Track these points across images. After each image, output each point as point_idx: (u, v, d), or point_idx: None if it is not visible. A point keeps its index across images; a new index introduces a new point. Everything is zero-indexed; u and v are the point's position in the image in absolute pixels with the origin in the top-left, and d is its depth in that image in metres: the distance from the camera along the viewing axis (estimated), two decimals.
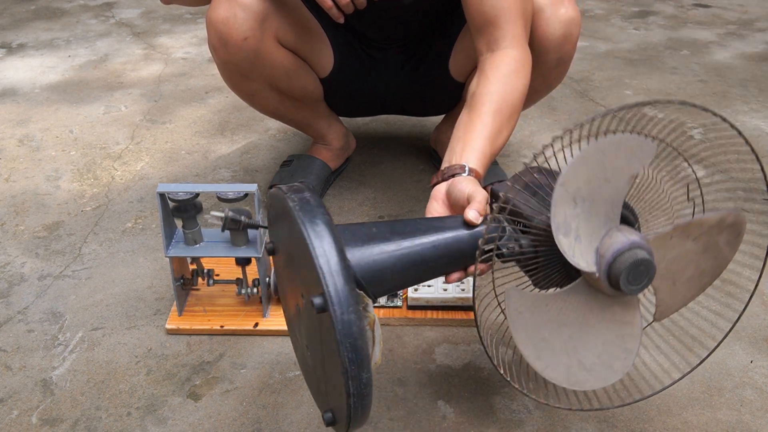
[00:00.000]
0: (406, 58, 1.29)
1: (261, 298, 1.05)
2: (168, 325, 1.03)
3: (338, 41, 1.25)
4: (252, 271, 1.11)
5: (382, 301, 1.05)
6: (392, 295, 1.06)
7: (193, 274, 1.05)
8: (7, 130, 1.69)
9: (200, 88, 1.92)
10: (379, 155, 1.54)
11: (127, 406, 0.91)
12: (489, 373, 0.95)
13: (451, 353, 0.99)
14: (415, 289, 1.04)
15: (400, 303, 1.06)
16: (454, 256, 0.75)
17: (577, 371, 0.74)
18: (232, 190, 0.97)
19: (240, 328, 1.02)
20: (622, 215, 0.71)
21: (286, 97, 1.26)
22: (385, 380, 0.94)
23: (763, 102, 1.79)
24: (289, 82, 1.22)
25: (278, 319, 1.03)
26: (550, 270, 0.75)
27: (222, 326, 1.02)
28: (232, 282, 1.05)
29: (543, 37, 1.10)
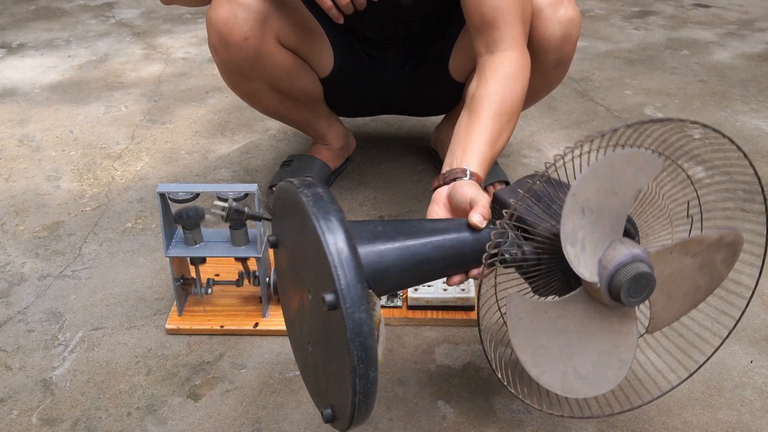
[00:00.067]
0: (406, 58, 1.29)
1: (261, 298, 1.05)
2: (168, 325, 1.03)
3: (338, 41, 1.25)
4: (253, 269, 1.10)
5: (383, 300, 1.05)
6: (392, 295, 1.06)
7: (194, 283, 1.05)
8: (7, 130, 1.69)
9: (200, 88, 1.92)
10: (379, 155, 1.54)
11: (127, 406, 0.91)
12: (489, 373, 0.95)
13: (451, 353, 0.99)
14: (415, 289, 1.04)
15: (400, 303, 1.06)
16: (457, 259, 0.75)
17: (572, 379, 0.74)
18: (232, 190, 0.97)
19: (240, 328, 1.02)
20: (624, 228, 0.72)
21: (287, 98, 1.26)
22: (385, 380, 0.94)
23: (763, 102, 1.79)
24: (290, 82, 1.22)
25: (278, 319, 1.03)
26: (550, 278, 0.75)
27: (222, 326, 1.02)
28: (232, 282, 1.05)
29: (542, 38, 1.10)
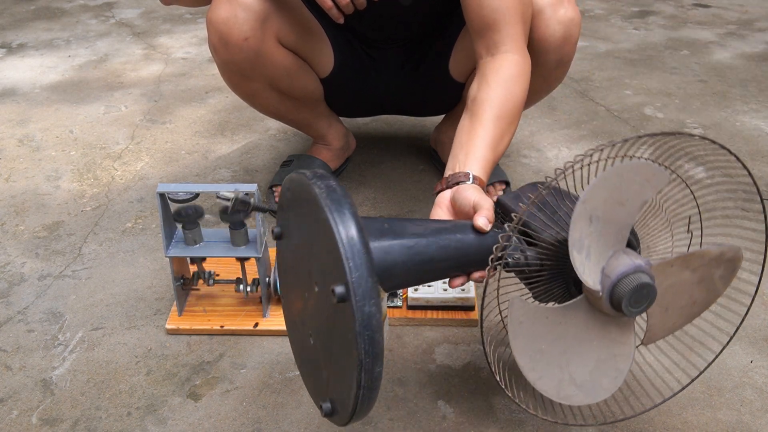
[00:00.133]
0: (406, 58, 1.29)
1: (261, 298, 1.05)
2: (168, 325, 1.03)
3: (338, 41, 1.25)
4: (252, 270, 1.11)
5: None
6: (392, 294, 1.06)
7: (194, 275, 1.05)
8: (7, 130, 1.69)
9: (200, 88, 1.92)
10: (379, 155, 1.54)
11: (127, 406, 0.91)
12: (489, 373, 0.95)
13: (451, 353, 0.99)
14: (415, 289, 1.04)
15: (400, 303, 1.06)
16: (460, 260, 0.75)
17: (568, 386, 0.75)
18: (232, 190, 0.97)
19: (240, 328, 1.02)
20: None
21: (287, 98, 1.26)
22: (385, 380, 0.94)
23: (763, 102, 1.79)
24: (290, 82, 1.22)
25: (278, 319, 1.03)
26: (551, 284, 0.76)
27: (222, 326, 1.02)
28: (232, 282, 1.05)
29: (543, 38, 1.10)
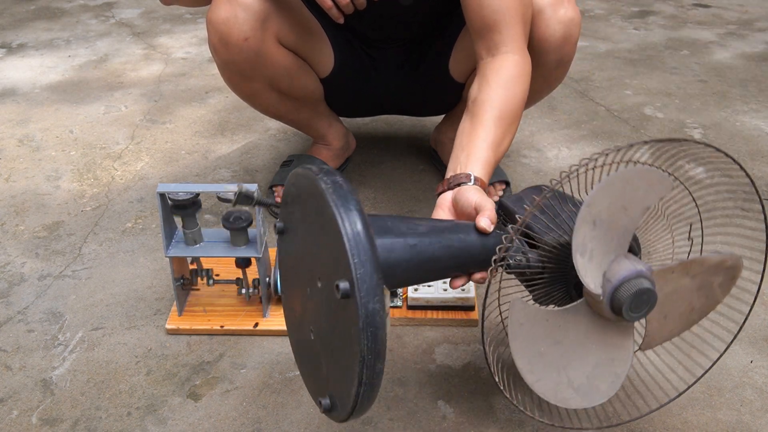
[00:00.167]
0: (406, 58, 1.29)
1: (261, 298, 1.05)
2: (168, 325, 1.03)
3: (338, 41, 1.25)
4: (252, 271, 1.11)
5: None
6: (392, 294, 1.06)
7: (193, 274, 1.05)
8: (7, 130, 1.69)
9: (200, 88, 1.92)
10: (379, 155, 1.54)
11: (127, 406, 0.91)
12: (489, 373, 0.95)
13: (451, 353, 0.99)
14: (415, 289, 1.04)
15: (400, 303, 1.06)
16: (462, 261, 0.75)
17: (565, 389, 0.75)
18: (232, 190, 0.97)
19: (240, 328, 1.02)
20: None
21: (287, 98, 1.26)
22: (385, 380, 0.94)
23: (763, 102, 1.79)
24: (290, 82, 1.22)
25: (278, 319, 1.03)
26: (552, 288, 0.76)
27: (222, 326, 1.02)
28: (232, 282, 1.05)
29: (543, 38, 1.10)
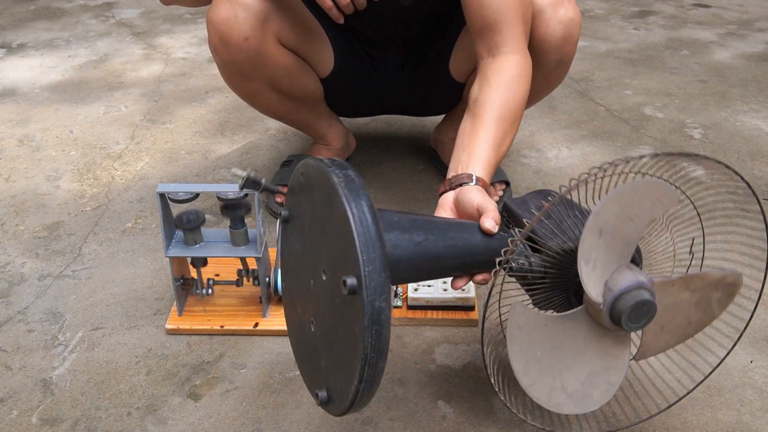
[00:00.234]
0: (406, 58, 1.29)
1: (261, 298, 1.05)
2: (168, 325, 1.03)
3: (339, 41, 1.25)
4: (253, 265, 1.10)
5: None
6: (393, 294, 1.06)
7: (193, 282, 1.05)
8: (7, 130, 1.69)
9: (200, 88, 1.92)
10: (379, 155, 1.54)
11: (127, 406, 0.91)
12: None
13: (451, 353, 0.99)
14: (415, 289, 1.04)
15: (400, 303, 1.06)
16: (465, 260, 0.75)
17: (558, 394, 0.75)
18: (232, 190, 0.97)
19: (240, 328, 1.02)
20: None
21: (287, 98, 1.26)
22: (385, 380, 0.94)
23: (763, 102, 1.79)
24: (290, 82, 1.22)
25: (278, 319, 1.03)
26: (552, 292, 0.76)
27: (222, 326, 1.02)
28: (232, 283, 1.05)
29: (543, 38, 1.10)
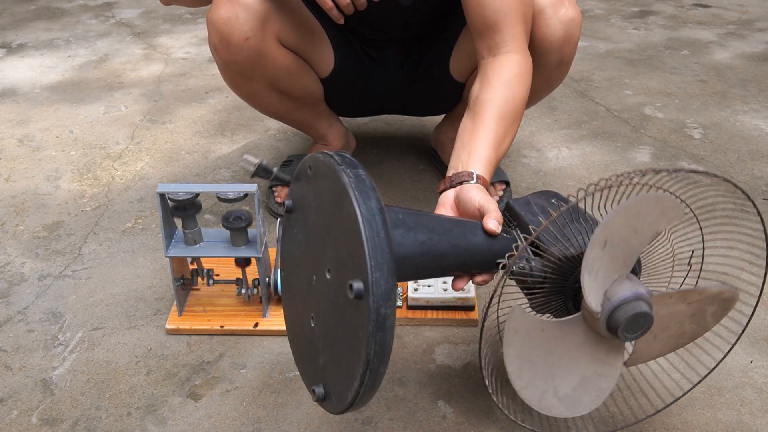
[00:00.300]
0: (406, 58, 1.29)
1: (261, 298, 1.05)
2: (168, 325, 1.03)
3: (339, 41, 1.25)
4: (252, 271, 1.11)
5: None
6: None
7: (193, 274, 1.05)
8: (7, 130, 1.69)
9: (200, 88, 1.92)
10: (379, 155, 1.54)
11: (127, 406, 0.91)
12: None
13: (451, 353, 0.99)
14: (415, 289, 1.04)
15: (400, 303, 1.06)
16: (467, 260, 0.75)
17: (550, 397, 0.76)
18: (232, 190, 0.97)
19: (240, 328, 1.02)
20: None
21: (287, 98, 1.26)
22: (385, 380, 0.94)
23: (763, 102, 1.79)
24: (290, 82, 1.22)
25: (278, 319, 1.03)
26: (551, 297, 0.76)
27: (222, 326, 1.02)
28: (232, 282, 1.05)
29: (544, 38, 1.10)
